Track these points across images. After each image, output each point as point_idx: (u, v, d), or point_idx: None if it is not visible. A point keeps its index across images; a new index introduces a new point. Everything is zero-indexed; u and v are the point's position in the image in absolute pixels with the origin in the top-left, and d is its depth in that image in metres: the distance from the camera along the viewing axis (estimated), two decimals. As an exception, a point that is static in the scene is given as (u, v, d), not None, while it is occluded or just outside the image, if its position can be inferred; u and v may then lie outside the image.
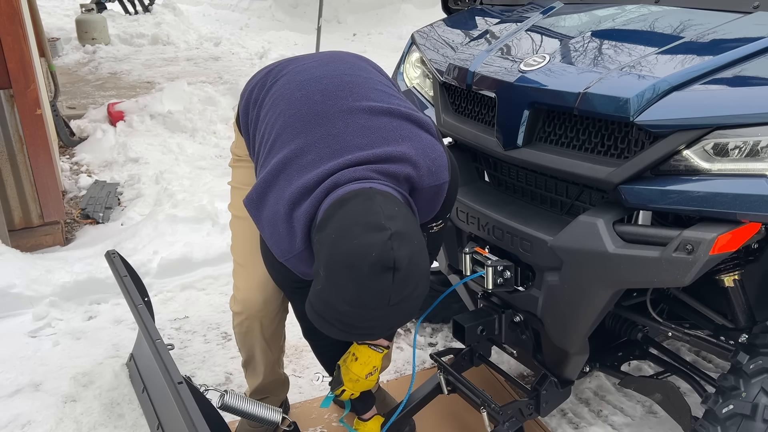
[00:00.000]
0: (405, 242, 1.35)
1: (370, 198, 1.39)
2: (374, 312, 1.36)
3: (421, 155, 1.54)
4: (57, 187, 3.82)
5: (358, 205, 1.38)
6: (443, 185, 1.58)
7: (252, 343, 2.09)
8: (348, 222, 1.36)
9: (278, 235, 1.52)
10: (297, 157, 1.53)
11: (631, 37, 1.85)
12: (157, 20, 11.61)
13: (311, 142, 1.54)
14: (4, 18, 3.30)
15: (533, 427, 2.32)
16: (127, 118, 5.75)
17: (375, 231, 1.33)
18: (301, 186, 1.49)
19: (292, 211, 1.49)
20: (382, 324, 1.41)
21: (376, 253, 1.31)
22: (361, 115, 1.57)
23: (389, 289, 1.33)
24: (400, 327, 1.47)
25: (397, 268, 1.32)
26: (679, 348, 2.70)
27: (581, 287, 1.72)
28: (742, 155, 1.45)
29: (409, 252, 1.35)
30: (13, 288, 3.05)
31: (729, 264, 1.74)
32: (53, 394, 2.45)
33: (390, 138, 1.54)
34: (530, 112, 1.78)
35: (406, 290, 1.36)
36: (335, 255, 1.35)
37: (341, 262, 1.34)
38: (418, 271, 1.38)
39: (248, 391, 2.25)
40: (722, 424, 1.57)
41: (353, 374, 1.89)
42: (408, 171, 1.51)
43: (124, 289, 2.21)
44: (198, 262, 3.47)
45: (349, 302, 1.35)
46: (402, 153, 1.51)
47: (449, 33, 2.44)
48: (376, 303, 1.35)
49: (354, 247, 1.33)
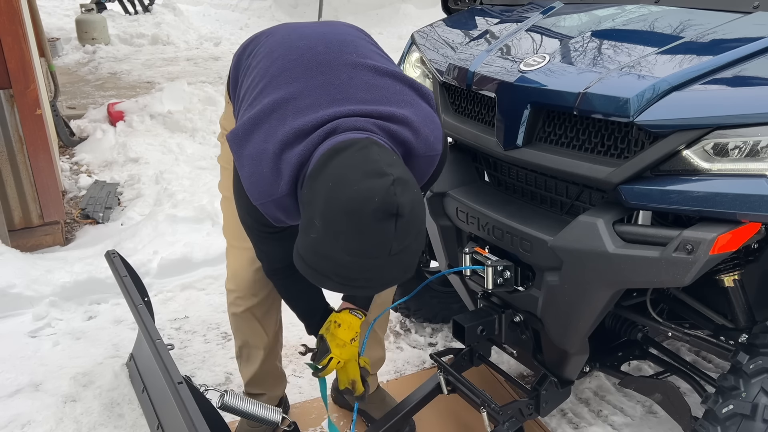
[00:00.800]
0: (407, 189, 1.31)
1: (367, 147, 1.35)
2: (374, 261, 1.31)
3: (422, 123, 1.52)
4: (57, 187, 3.82)
5: (355, 153, 1.33)
6: (436, 157, 1.56)
7: (245, 324, 2.10)
8: (345, 169, 1.31)
9: (259, 175, 1.45)
10: (294, 99, 1.49)
11: (631, 37, 1.85)
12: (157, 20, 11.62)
13: (311, 87, 1.50)
14: (4, 18, 3.30)
15: (533, 427, 2.32)
16: (127, 118, 5.75)
17: (376, 177, 1.29)
18: (296, 128, 1.44)
19: (283, 152, 1.44)
20: (380, 276, 1.36)
21: (379, 199, 1.26)
22: (366, 72, 1.54)
23: (391, 236, 1.29)
24: (397, 283, 1.43)
25: (400, 214, 1.28)
26: (679, 348, 2.70)
27: (581, 287, 1.72)
28: (742, 155, 1.45)
29: (411, 199, 1.32)
30: (13, 288, 3.05)
31: (729, 264, 1.74)
32: (53, 394, 2.45)
33: (393, 100, 1.51)
34: (530, 112, 1.78)
35: (407, 239, 1.32)
36: (333, 202, 1.29)
37: (340, 210, 1.28)
38: (418, 220, 1.35)
39: (243, 385, 2.25)
40: (722, 424, 1.57)
41: (339, 339, 1.85)
42: (407, 135, 1.48)
43: (124, 289, 2.21)
44: (198, 262, 3.47)
45: (348, 252, 1.30)
46: (405, 116, 1.49)
47: (449, 33, 2.44)
48: (377, 251, 1.30)
49: (354, 193, 1.28)
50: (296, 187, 1.45)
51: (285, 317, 2.26)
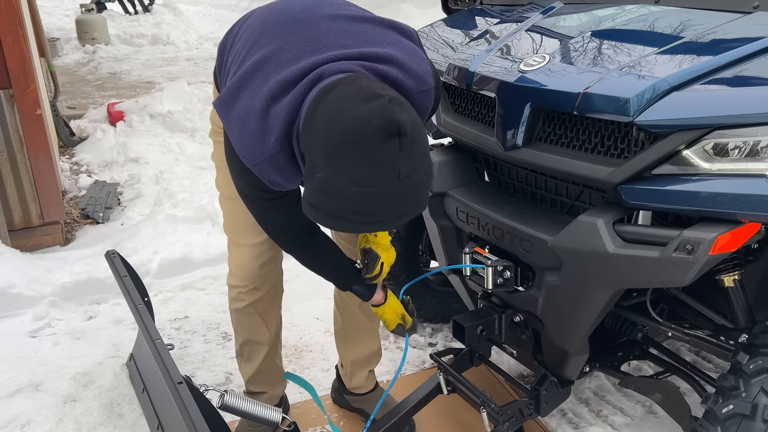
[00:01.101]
0: (405, 108, 1.29)
1: (357, 79, 1.34)
2: (385, 189, 1.28)
3: (407, 59, 1.50)
4: (57, 187, 3.82)
5: (345, 87, 1.32)
6: (429, 91, 1.54)
7: (247, 320, 2.11)
8: (339, 102, 1.29)
9: (249, 134, 1.43)
10: (275, 55, 1.47)
11: (631, 37, 1.85)
12: (157, 20, 11.63)
13: (291, 42, 1.49)
14: (4, 18, 3.30)
15: (533, 427, 2.32)
16: (127, 118, 5.76)
17: (372, 100, 1.26)
18: (281, 80, 1.42)
19: (270, 106, 1.41)
20: (393, 206, 1.32)
21: (378, 119, 1.24)
22: (344, 21, 1.54)
23: (397, 157, 1.26)
24: (412, 215, 1.39)
25: (402, 132, 1.25)
26: (679, 348, 2.70)
27: (581, 287, 1.72)
28: (742, 155, 1.45)
29: (411, 118, 1.29)
30: (13, 288, 3.05)
31: (729, 264, 1.74)
32: (53, 394, 2.45)
33: (374, 41, 1.50)
34: (530, 112, 1.78)
35: (414, 161, 1.29)
36: (333, 136, 1.27)
37: (342, 141, 1.26)
38: (422, 140, 1.32)
39: (243, 384, 2.25)
40: (722, 424, 1.57)
41: (383, 245, 1.87)
42: (395, 73, 1.47)
43: (124, 289, 2.21)
44: (198, 262, 3.47)
45: (357, 183, 1.27)
46: (389, 54, 1.47)
47: (449, 33, 2.44)
48: (386, 176, 1.27)
49: (352, 121, 1.25)
50: (288, 141, 1.43)
51: (285, 317, 2.26)
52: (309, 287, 3.31)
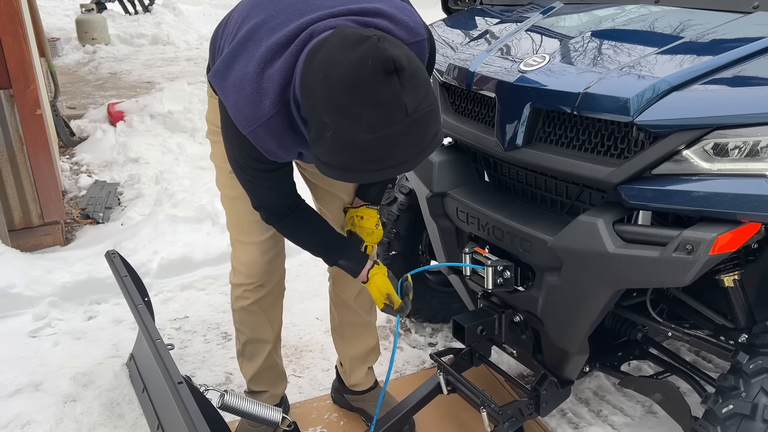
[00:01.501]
0: (395, 45, 1.29)
1: (341, 30, 1.34)
2: (397, 128, 1.27)
3: (397, 11, 1.50)
4: (57, 187, 3.82)
5: (332, 41, 1.31)
6: (423, 42, 1.54)
7: (252, 318, 2.11)
8: (329, 56, 1.29)
9: (244, 100, 1.44)
10: (265, 23, 1.48)
11: (631, 37, 1.85)
12: (157, 20, 11.62)
13: (280, 9, 1.50)
14: (4, 18, 3.30)
15: (533, 427, 2.32)
16: (127, 118, 5.76)
17: (360, 43, 1.26)
18: (272, 44, 1.43)
19: (264, 70, 1.42)
20: (409, 144, 1.31)
21: (372, 60, 1.24)
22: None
23: (400, 92, 1.25)
24: (431, 150, 1.38)
25: (398, 68, 1.25)
26: (679, 348, 2.70)
27: (581, 287, 1.72)
28: (742, 155, 1.45)
29: (405, 52, 1.28)
30: (13, 288, 3.05)
31: (729, 264, 1.74)
32: (53, 394, 2.45)
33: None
34: (530, 112, 1.78)
35: (418, 94, 1.28)
36: (332, 90, 1.27)
37: (342, 93, 1.26)
38: (420, 72, 1.31)
39: (243, 384, 2.25)
40: (722, 424, 1.57)
41: (366, 228, 1.97)
42: (385, 24, 1.46)
43: (124, 289, 2.21)
44: (198, 262, 3.47)
45: (368, 129, 1.26)
46: (377, 8, 1.48)
47: (449, 33, 2.44)
48: (395, 115, 1.26)
49: (346, 70, 1.25)
50: (285, 105, 1.43)
51: (285, 317, 2.26)
52: (309, 287, 3.31)
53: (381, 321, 3.03)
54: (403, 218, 2.61)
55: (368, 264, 1.88)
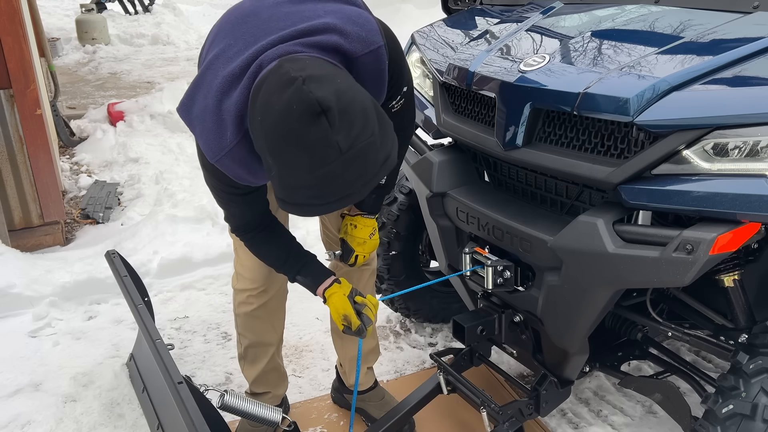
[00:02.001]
0: (323, 82, 1.28)
1: (279, 65, 1.34)
2: (334, 166, 1.28)
3: (347, 23, 1.49)
4: (57, 187, 3.82)
5: (270, 78, 1.33)
6: (379, 50, 1.52)
7: (255, 322, 2.11)
8: (265, 98, 1.32)
9: (207, 131, 1.48)
10: (224, 52, 1.51)
11: (631, 37, 1.85)
12: (157, 20, 11.62)
13: (238, 36, 1.53)
14: (4, 18, 3.30)
15: (533, 427, 2.32)
16: (127, 118, 5.76)
17: (287, 87, 1.27)
18: (227, 75, 1.46)
19: (221, 102, 1.46)
20: (352, 178, 1.32)
21: (297, 104, 1.25)
22: (286, 5, 1.55)
23: (330, 133, 1.25)
24: (381, 179, 1.38)
25: (324, 109, 1.25)
26: (679, 348, 2.70)
27: (581, 287, 1.72)
28: (741, 155, 1.45)
29: (333, 90, 1.27)
30: (13, 288, 3.05)
31: (729, 264, 1.74)
32: (53, 394, 2.45)
33: (312, 16, 1.51)
34: (530, 112, 1.78)
35: (352, 130, 1.28)
36: (268, 134, 1.30)
37: (276, 137, 1.29)
38: (355, 107, 1.29)
39: (247, 385, 2.25)
40: (722, 424, 1.57)
41: (359, 238, 1.96)
42: (335, 39, 1.46)
43: (124, 289, 2.21)
44: (198, 262, 3.47)
45: (306, 170, 1.29)
46: (325, 23, 1.47)
47: (449, 33, 2.44)
48: (329, 155, 1.27)
49: (277, 115, 1.28)
50: (245, 135, 1.46)
51: (285, 317, 2.26)
52: (309, 287, 3.31)
53: (381, 321, 3.03)
54: (403, 218, 2.61)
55: (327, 282, 1.80)
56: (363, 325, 1.76)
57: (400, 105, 1.73)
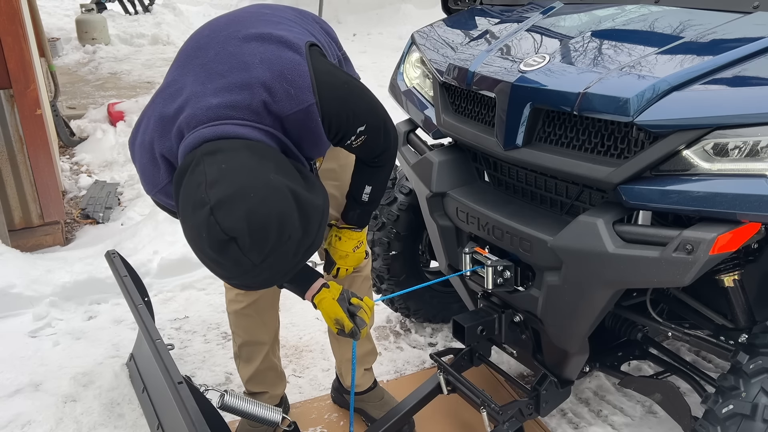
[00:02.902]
0: (233, 207, 1.27)
1: (198, 163, 1.35)
2: (249, 274, 1.34)
3: (277, 78, 1.46)
4: (57, 187, 3.82)
5: (187, 180, 1.35)
6: (309, 108, 1.48)
7: (247, 321, 2.11)
8: (182, 203, 1.36)
9: (144, 166, 1.54)
10: (168, 87, 1.54)
11: (631, 37, 1.85)
12: (157, 20, 11.61)
13: (184, 72, 1.54)
14: (4, 18, 3.30)
15: (533, 427, 2.32)
16: (127, 118, 5.75)
17: (198, 209, 1.29)
18: (161, 115, 1.49)
19: (154, 142, 1.50)
20: (269, 277, 1.38)
21: (206, 234, 1.28)
22: (234, 43, 1.54)
23: (241, 256, 1.29)
24: (305, 261, 1.47)
25: (233, 237, 1.27)
26: (679, 348, 2.70)
27: (581, 287, 1.72)
28: (742, 155, 1.45)
29: (244, 213, 1.27)
30: (13, 288, 3.05)
31: (729, 264, 1.74)
32: (53, 394, 2.45)
33: (249, 62, 1.48)
34: (530, 112, 1.78)
35: (265, 246, 1.29)
36: (187, 236, 1.36)
37: (192, 243, 1.35)
38: (269, 222, 1.29)
39: (242, 383, 2.25)
40: (722, 424, 1.57)
41: (341, 251, 1.93)
42: (264, 97, 1.44)
43: (124, 289, 2.21)
44: (198, 262, 3.39)
45: (222, 274, 1.38)
46: (255, 79, 1.45)
47: (449, 33, 2.44)
48: (242, 267, 1.31)
49: (190, 231, 1.33)
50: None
51: (284, 317, 2.26)
52: (309, 287, 3.30)
53: (381, 321, 3.03)
54: (403, 218, 2.61)
55: (316, 287, 1.77)
56: (356, 327, 1.74)
57: (361, 141, 1.66)
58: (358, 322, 1.75)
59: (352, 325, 1.74)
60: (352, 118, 1.59)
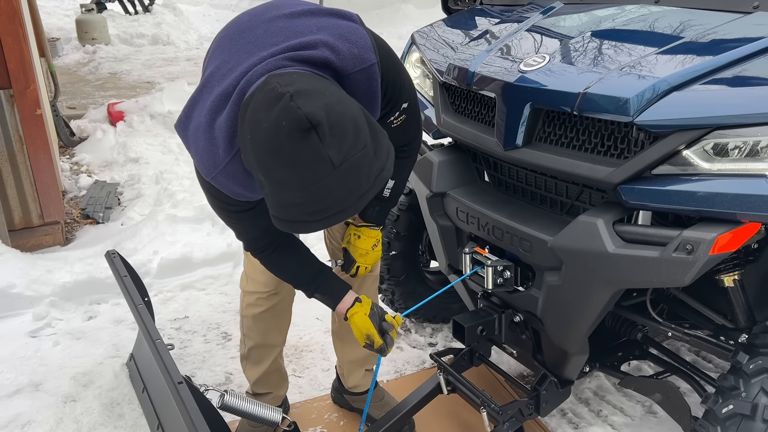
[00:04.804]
0: (312, 97, 1.25)
1: (266, 82, 1.32)
2: (326, 181, 1.25)
3: (339, 39, 1.47)
4: (57, 187, 3.82)
5: (257, 95, 1.31)
6: (371, 68, 1.49)
7: (262, 324, 2.10)
8: (252, 116, 1.30)
9: (201, 149, 1.48)
10: (219, 69, 1.51)
11: (631, 37, 1.85)
12: (157, 20, 11.62)
13: (233, 52, 1.52)
14: (4, 18, 3.30)
15: (533, 427, 2.32)
16: (127, 118, 5.76)
17: (274, 103, 1.25)
18: (220, 93, 1.46)
19: (214, 120, 1.45)
20: (345, 192, 1.29)
21: (286, 122, 1.22)
22: (281, 20, 1.54)
23: (321, 149, 1.23)
24: (376, 191, 1.35)
25: (314, 123, 1.22)
26: (679, 348, 2.70)
27: (581, 287, 1.72)
28: (741, 155, 1.45)
29: (322, 104, 1.24)
30: (13, 288, 3.05)
31: (729, 264, 1.74)
32: (53, 394, 2.45)
33: (305, 31, 1.49)
34: (530, 112, 1.78)
35: (343, 143, 1.25)
36: (257, 152, 1.28)
37: (265, 154, 1.27)
38: (346, 119, 1.26)
39: (249, 386, 2.25)
40: (722, 424, 1.57)
41: (361, 249, 1.96)
42: (326, 55, 1.43)
43: (124, 289, 2.21)
44: (198, 262, 3.47)
45: (297, 187, 1.26)
46: (317, 39, 1.45)
47: (449, 33, 2.44)
48: (321, 170, 1.24)
49: (266, 132, 1.25)
50: (237, 153, 1.45)
51: (290, 318, 2.26)
52: (309, 287, 3.31)
53: (381, 321, 3.03)
54: (403, 218, 2.61)
55: (348, 301, 1.80)
56: (385, 344, 1.79)
57: (401, 121, 1.69)
58: (388, 341, 1.80)
59: (381, 342, 1.79)
60: (402, 89, 1.63)
